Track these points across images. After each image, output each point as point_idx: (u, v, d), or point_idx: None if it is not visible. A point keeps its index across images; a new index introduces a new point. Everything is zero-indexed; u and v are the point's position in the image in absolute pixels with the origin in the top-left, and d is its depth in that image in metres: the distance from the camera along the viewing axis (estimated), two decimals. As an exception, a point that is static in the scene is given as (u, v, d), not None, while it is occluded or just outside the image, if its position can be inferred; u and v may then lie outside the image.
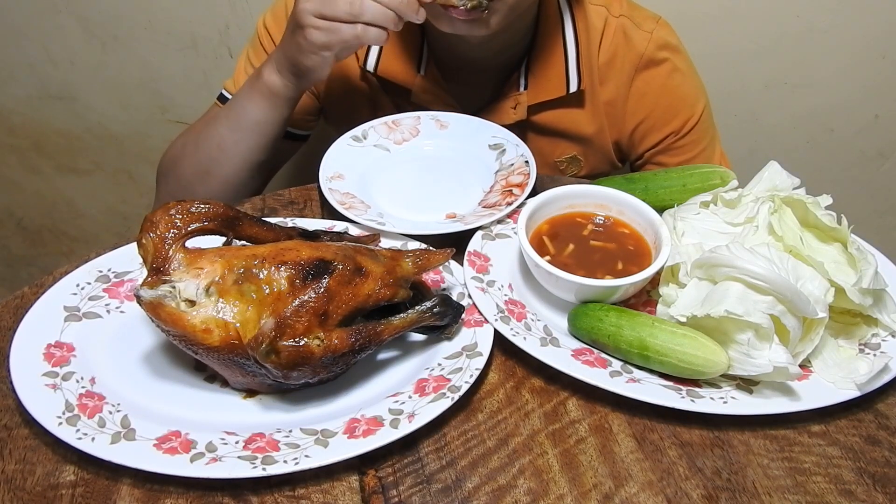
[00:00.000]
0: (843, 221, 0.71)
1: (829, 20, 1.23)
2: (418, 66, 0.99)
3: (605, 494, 0.60)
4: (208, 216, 0.64)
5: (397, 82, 1.00)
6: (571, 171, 1.07)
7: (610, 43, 0.98)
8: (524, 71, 0.99)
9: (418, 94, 1.00)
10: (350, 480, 0.61)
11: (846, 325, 0.72)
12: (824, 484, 0.62)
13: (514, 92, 0.99)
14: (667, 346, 0.65)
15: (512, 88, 0.99)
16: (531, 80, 0.99)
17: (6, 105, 1.64)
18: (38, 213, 1.85)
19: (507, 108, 0.99)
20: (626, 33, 0.98)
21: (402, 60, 0.99)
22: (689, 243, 0.73)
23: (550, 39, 0.97)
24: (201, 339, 0.60)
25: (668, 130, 1.03)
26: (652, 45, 0.98)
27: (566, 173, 1.07)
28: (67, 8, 1.45)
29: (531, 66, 0.98)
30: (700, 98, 1.03)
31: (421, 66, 0.99)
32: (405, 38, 0.98)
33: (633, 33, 0.98)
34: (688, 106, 1.02)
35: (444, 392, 0.64)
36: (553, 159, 1.06)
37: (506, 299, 0.74)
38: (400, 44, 0.98)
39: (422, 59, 0.99)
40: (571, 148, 1.05)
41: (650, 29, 0.98)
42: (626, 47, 0.98)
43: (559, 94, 0.98)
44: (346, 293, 0.62)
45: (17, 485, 0.59)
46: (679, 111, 1.02)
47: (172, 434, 0.61)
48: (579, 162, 1.07)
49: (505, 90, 1.00)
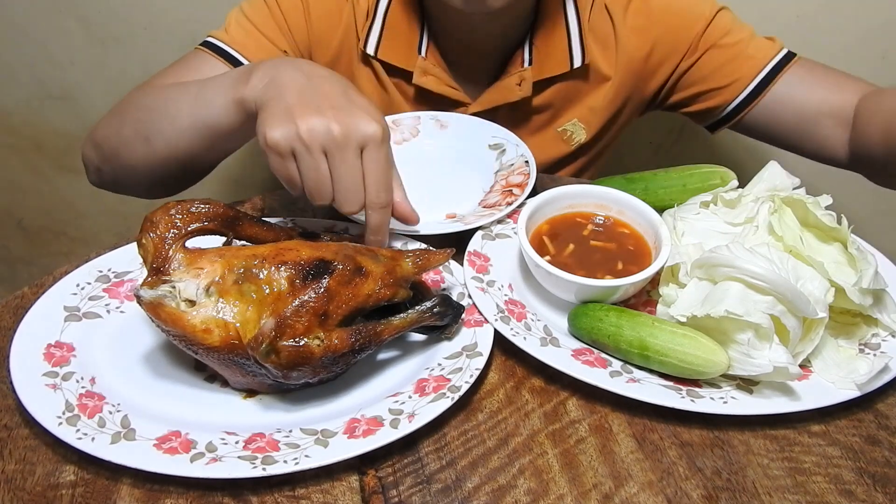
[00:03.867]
0: (843, 221, 0.71)
1: (829, 20, 1.23)
2: (418, 49, 0.98)
3: (605, 494, 0.60)
4: (208, 216, 0.64)
5: (398, 65, 0.99)
6: (577, 140, 1.06)
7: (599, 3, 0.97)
8: (528, 46, 0.98)
9: (420, 76, 0.99)
10: (350, 480, 0.61)
11: (846, 325, 0.72)
12: (824, 484, 0.62)
13: (518, 68, 0.98)
14: (667, 346, 0.65)
15: (515, 65, 0.99)
16: (535, 55, 0.98)
17: (6, 105, 1.64)
18: (38, 213, 1.85)
19: (511, 85, 0.99)
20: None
21: (402, 43, 0.98)
22: (689, 243, 0.73)
23: (552, 14, 0.97)
24: (201, 339, 0.60)
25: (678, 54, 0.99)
26: None
27: (571, 143, 1.06)
28: (67, 8, 1.45)
29: (535, 42, 0.98)
30: (705, 3, 0.97)
31: (422, 49, 0.98)
32: (404, 20, 0.97)
33: None
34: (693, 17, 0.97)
35: (444, 392, 0.64)
36: (555, 129, 1.05)
37: (506, 299, 0.74)
38: (399, 27, 0.97)
39: (422, 42, 0.98)
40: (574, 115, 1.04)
41: None
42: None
43: (563, 69, 0.98)
44: (346, 293, 0.62)
45: (17, 485, 0.59)
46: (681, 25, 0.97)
47: (172, 434, 0.61)
48: (582, 129, 1.05)
49: (508, 68, 0.99)
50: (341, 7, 0.98)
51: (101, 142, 0.89)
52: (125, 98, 0.91)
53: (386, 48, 0.98)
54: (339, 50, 1.00)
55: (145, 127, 0.83)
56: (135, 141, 0.84)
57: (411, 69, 0.99)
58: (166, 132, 0.81)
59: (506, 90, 0.99)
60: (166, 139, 0.81)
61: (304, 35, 0.98)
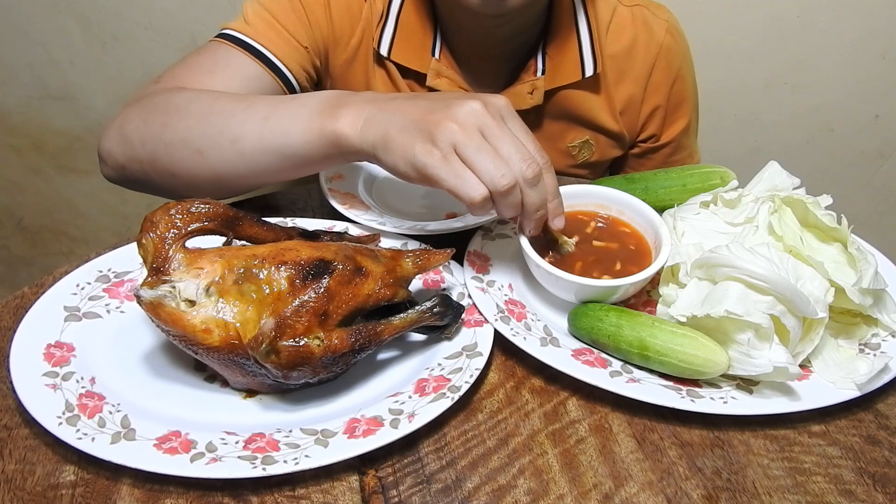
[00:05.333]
0: (843, 221, 0.71)
1: (829, 20, 1.23)
2: (432, 51, 0.98)
3: (605, 494, 0.60)
4: (208, 216, 0.64)
5: (411, 67, 0.98)
6: (584, 157, 1.07)
7: (626, 30, 0.99)
8: (542, 55, 0.98)
9: (433, 78, 0.98)
10: (350, 480, 0.61)
11: (846, 325, 0.72)
12: (824, 484, 0.62)
13: (531, 77, 0.98)
14: (667, 346, 0.65)
15: (528, 73, 0.98)
16: (548, 65, 0.98)
17: (6, 105, 1.65)
18: (38, 213, 1.85)
19: (523, 94, 0.98)
20: (647, 22, 0.99)
21: (415, 45, 0.97)
22: (689, 243, 0.73)
23: (564, 23, 0.97)
24: (201, 339, 0.60)
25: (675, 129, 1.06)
26: (668, 35, 1.00)
27: (578, 159, 1.07)
28: (67, 8, 1.45)
29: (548, 52, 0.98)
30: (695, 95, 1.07)
31: (435, 51, 0.98)
32: (417, 22, 0.96)
33: (652, 22, 1.00)
34: (690, 105, 1.05)
35: (444, 392, 0.64)
36: (566, 144, 1.05)
37: (506, 299, 0.74)
38: (413, 28, 0.97)
39: (435, 44, 0.98)
40: (584, 133, 1.05)
41: (665, 17, 1.01)
42: (648, 36, 1.00)
43: (575, 78, 0.98)
44: (346, 293, 0.62)
45: (17, 485, 0.59)
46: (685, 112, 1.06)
47: (172, 434, 0.61)
48: (591, 146, 1.06)
49: (521, 75, 0.99)
50: (361, 5, 0.97)
51: (131, 138, 0.83)
52: (153, 93, 0.86)
53: (399, 49, 0.97)
54: (356, 49, 0.98)
55: (196, 137, 0.79)
56: (182, 150, 0.80)
57: (425, 71, 0.98)
58: (225, 151, 0.78)
59: (517, 97, 0.98)
60: (225, 158, 0.78)
61: (324, 31, 0.96)
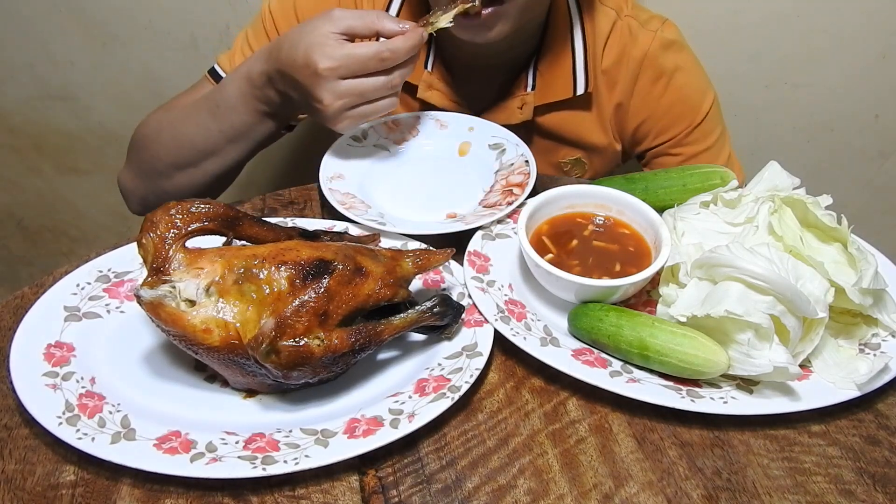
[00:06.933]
0: (843, 221, 0.71)
1: (829, 20, 1.23)
2: (425, 63, 0.99)
3: (605, 494, 0.60)
4: (208, 216, 0.64)
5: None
6: (576, 174, 1.07)
7: (617, 42, 0.98)
8: (533, 71, 0.98)
9: (424, 90, 0.99)
10: (350, 480, 0.61)
11: (846, 325, 0.72)
12: (824, 484, 0.62)
13: (522, 92, 0.99)
14: (667, 346, 0.65)
15: (519, 88, 0.99)
16: (539, 81, 0.98)
17: (6, 105, 1.64)
18: (38, 213, 1.85)
19: (513, 108, 0.99)
20: (632, 32, 0.98)
21: None
22: (689, 243, 0.73)
23: (559, 40, 0.97)
24: (201, 339, 0.60)
25: (671, 133, 1.03)
26: (656, 44, 0.98)
27: (571, 174, 1.07)
28: (67, 8, 1.45)
29: (539, 68, 0.98)
30: (706, 97, 1.02)
31: (428, 63, 0.98)
32: None
33: (638, 32, 0.98)
34: (691, 108, 1.02)
35: (444, 392, 0.64)
36: (557, 160, 1.06)
37: (506, 299, 0.74)
38: None
39: (429, 56, 0.98)
40: (576, 151, 1.05)
41: (655, 28, 0.98)
42: (632, 45, 0.98)
43: (566, 95, 0.98)
44: (346, 293, 0.62)
45: (17, 485, 0.59)
46: (683, 113, 1.02)
47: (172, 434, 0.61)
48: (584, 165, 1.06)
49: (512, 90, 0.99)
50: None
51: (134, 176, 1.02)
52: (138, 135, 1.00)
53: None
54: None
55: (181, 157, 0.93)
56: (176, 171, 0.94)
57: (416, 83, 0.99)
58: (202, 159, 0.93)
59: (507, 111, 0.99)
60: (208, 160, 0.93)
61: None
